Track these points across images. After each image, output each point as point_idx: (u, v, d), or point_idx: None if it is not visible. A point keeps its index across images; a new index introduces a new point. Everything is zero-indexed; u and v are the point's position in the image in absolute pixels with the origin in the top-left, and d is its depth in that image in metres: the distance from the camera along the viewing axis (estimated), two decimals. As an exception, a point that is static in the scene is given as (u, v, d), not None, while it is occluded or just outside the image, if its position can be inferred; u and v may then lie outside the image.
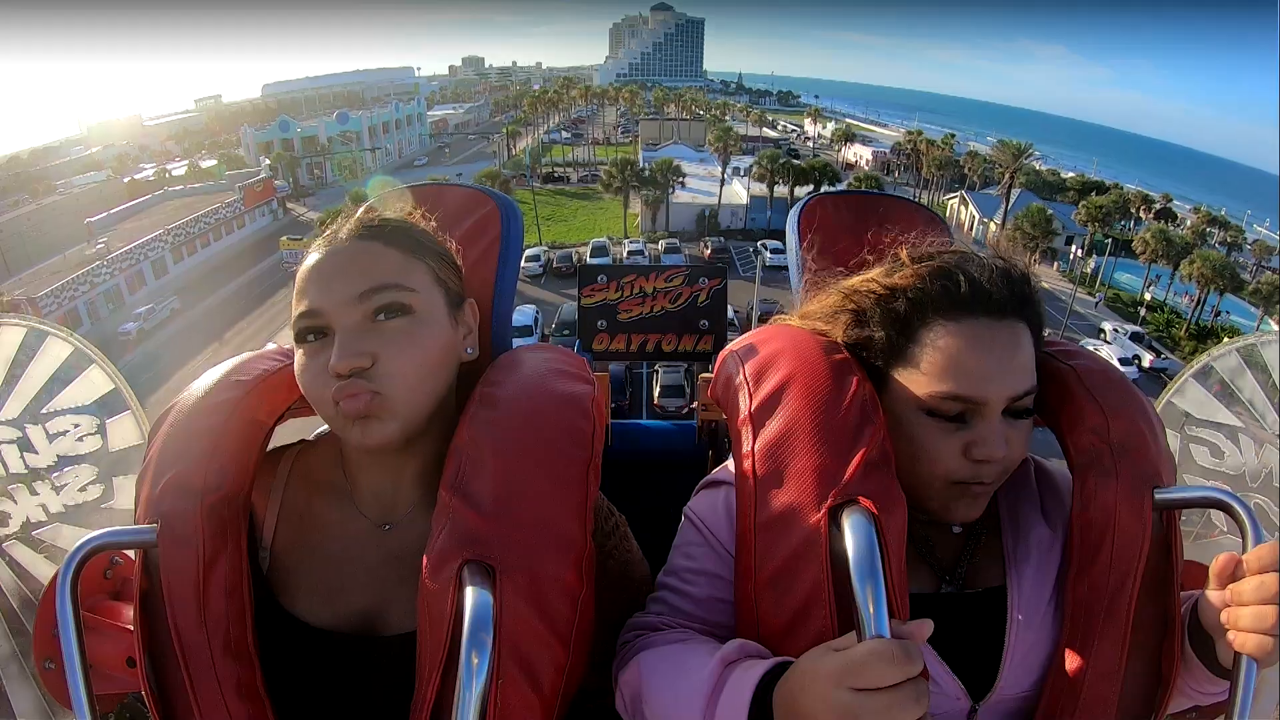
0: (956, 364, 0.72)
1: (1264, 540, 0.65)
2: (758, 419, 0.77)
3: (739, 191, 40.83)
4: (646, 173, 37.45)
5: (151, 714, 0.71)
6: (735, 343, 0.88)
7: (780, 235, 35.03)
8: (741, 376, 0.81)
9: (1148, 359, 24.36)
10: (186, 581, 0.70)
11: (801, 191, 37.41)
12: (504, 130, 55.75)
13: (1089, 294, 30.84)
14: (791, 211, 1.06)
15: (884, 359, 0.77)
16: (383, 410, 0.71)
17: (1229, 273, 27.49)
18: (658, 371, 22.22)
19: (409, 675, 0.68)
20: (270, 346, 0.88)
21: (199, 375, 0.83)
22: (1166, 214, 35.30)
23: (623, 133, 70.72)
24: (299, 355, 0.74)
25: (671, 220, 38.57)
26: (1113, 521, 0.72)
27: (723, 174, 41.02)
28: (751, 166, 39.67)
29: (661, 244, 35.03)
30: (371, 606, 0.77)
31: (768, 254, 26.88)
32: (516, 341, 0.96)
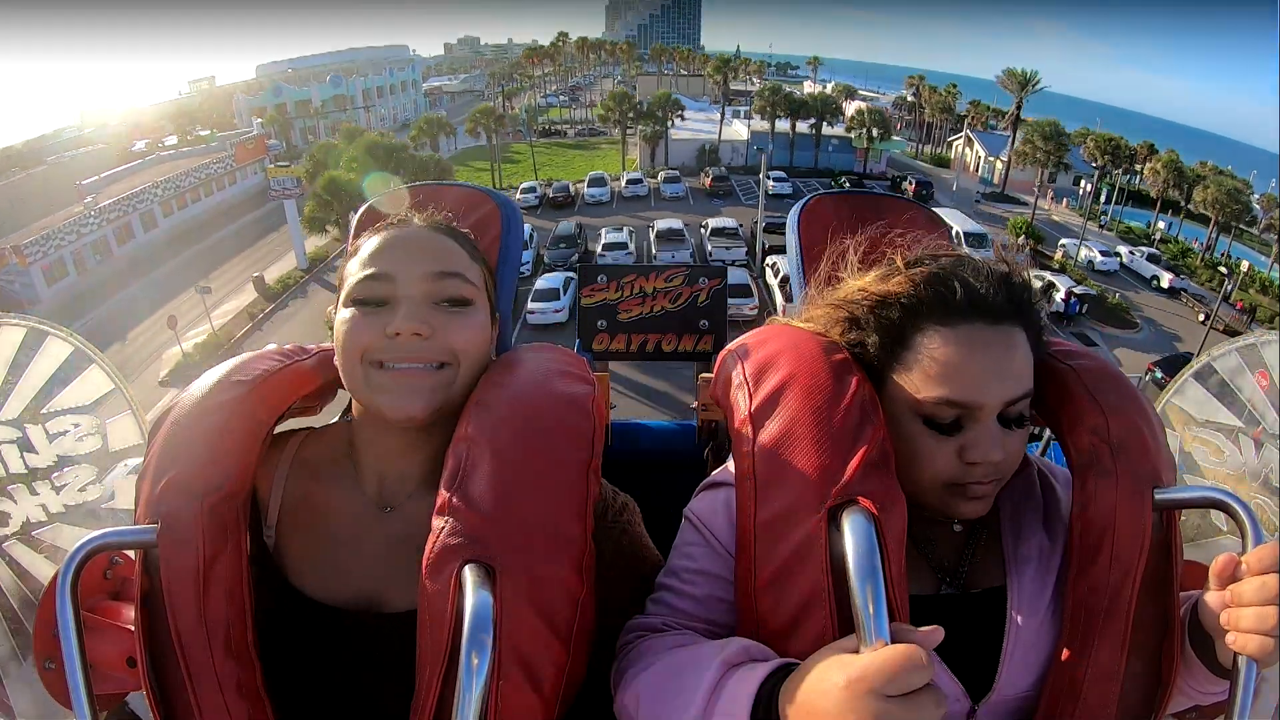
0: (951, 369, 0.72)
1: (1264, 541, 0.65)
2: (758, 419, 0.76)
3: (739, 130, 40.77)
4: (644, 107, 37.28)
5: (152, 714, 0.71)
6: (735, 343, 0.88)
7: (781, 167, 35.30)
8: (741, 377, 0.81)
9: (1167, 279, 24.50)
10: (186, 582, 0.70)
11: (803, 127, 37.57)
12: (501, 92, 55.11)
13: (1100, 227, 31.08)
14: (791, 211, 1.06)
15: (880, 362, 0.77)
16: (438, 386, 0.76)
17: (1243, 201, 27.59)
18: (653, 226, 22.42)
19: (411, 651, 0.69)
20: (270, 347, 0.88)
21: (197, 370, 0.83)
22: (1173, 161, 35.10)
23: (620, 96, 70.00)
24: (348, 314, 0.77)
25: (670, 157, 38.52)
26: (1112, 521, 0.72)
27: (723, 108, 40.90)
28: (752, 99, 39.45)
29: (661, 175, 34.88)
30: (373, 588, 0.78)
31: (770, 182, 26.91)
32: None
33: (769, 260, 21.82)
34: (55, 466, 1.19)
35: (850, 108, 40.99)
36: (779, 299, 19.55)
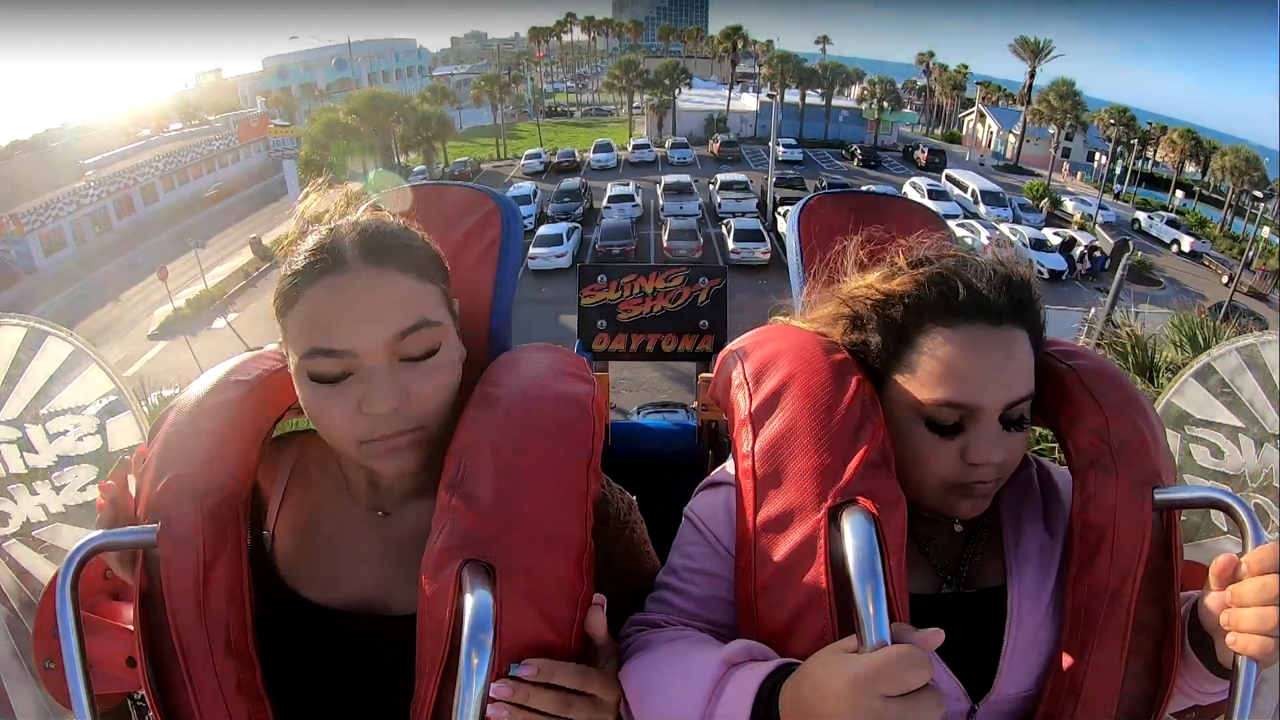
0: (953, 371, 0.72)
1: (1264, 541, 0.65)
2: (758, 419, 0.77)
3: (748, 103, 41.12)
4: (651, 75, 37.56)
5: (152, 714, 0.71)
6: (735, 343, 0.88)
7: (791, 138, 35.44)
8: (741, 377, 0.81)
9: (1188, 243, 25.15)
10: (187, 582, 0.70)
11: (813, 98, 38.02)
12: (509, 75, 54.58)
13: (1115, 197, 31.68)
14: (791, 211, 1.06)
15: (881, 363, 0.77)
16: (420, 442, 0.73)
17: (1261, 170, 28.25)
18: (666, 223, 22.37)
19: (410, 653, 0.69)
20: (270, 347, 0.87)
21: (198, 375, 0.83)
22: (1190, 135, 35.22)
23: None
24: (311, 393, 0.71)
25: (678, 128, 38.84)
26: (1113, 521, 0.72)
27: (731, 76, 41.07)
28: (760, 67, 39.64)
29: (669, 142, 35.16)
30: (371, 592, 0.78)
31: (780, 148, 27.25)
32: None
33: (781, 209, 21.97)
34: (55, 466, 1.20)
35: (856, 91, 41.16)
36: (793, 242, 19.90)
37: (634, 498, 0.93)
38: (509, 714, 0.63)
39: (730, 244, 20.35)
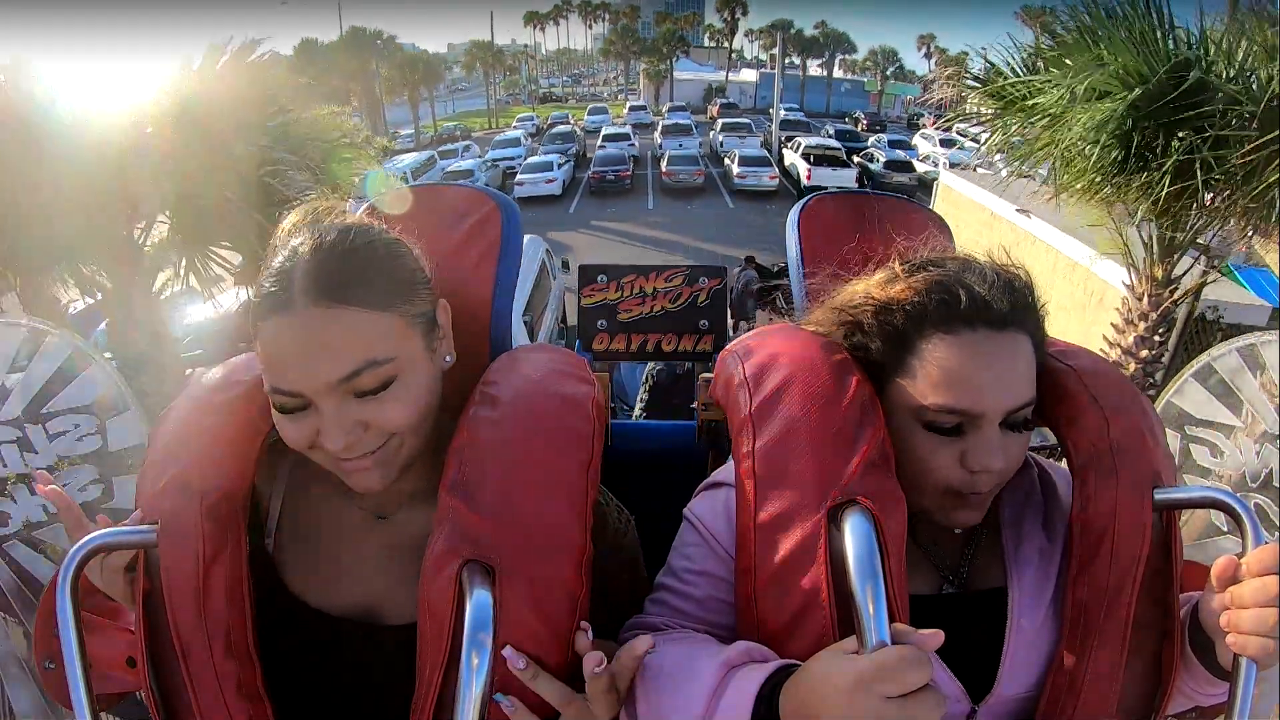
0: (954, 377, 0.71)
1: (1264, 541, 0.65)
2: (758, 419, 0.76)
3: (747, 75, 41.47)
4: (649, 42, 37.63)
5: (151, 714, 0.71)
6: (735, 343, 0.88)
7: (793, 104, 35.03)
8: (742, 377, 0.81)
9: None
10: (187, 581, 0.70)
11: (814, 67, 37.95)
12: (504, 64, 54.18)
13: None
14: (791, 211, 1.06)
15: (882, 366, 0.77)
16: (391, 453, 0.72)
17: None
18: (664, 155, 22.01)
19: (410, 663, 0.69)
20: None
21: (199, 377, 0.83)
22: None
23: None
24: (278, 418, 0.71)
25: (676, 97, 38.87)
26: (1112, 522, 0.72)
27: (730, 45, 41.02)
28: (759, 36, 40.31)
29: (666, 107, 35.12)
30: (370, 598, 0.78)
31: (783, 111, 27.24)
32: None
33: (788, 143, 21.96)
34: (55, 466, 1.20)
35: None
36: (803, 168, 19.50)
37: (632, 517, 0.93)
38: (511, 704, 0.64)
39: (735, 169, 19.63)
